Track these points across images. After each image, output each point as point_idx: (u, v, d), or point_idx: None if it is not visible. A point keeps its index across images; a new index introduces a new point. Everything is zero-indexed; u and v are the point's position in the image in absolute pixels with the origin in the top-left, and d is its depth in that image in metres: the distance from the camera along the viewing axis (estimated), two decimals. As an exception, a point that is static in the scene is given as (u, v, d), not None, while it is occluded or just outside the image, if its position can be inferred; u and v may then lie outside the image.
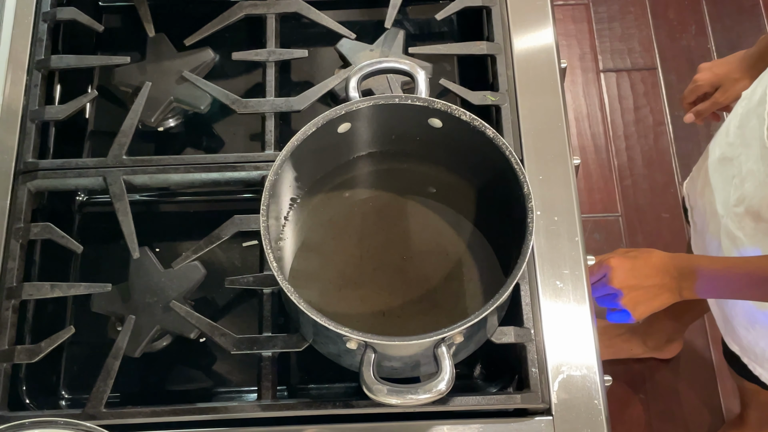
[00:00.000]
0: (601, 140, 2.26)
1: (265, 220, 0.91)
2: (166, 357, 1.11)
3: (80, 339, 1.08)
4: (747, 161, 1.16)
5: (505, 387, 1.06)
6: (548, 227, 1.07)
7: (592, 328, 1.02)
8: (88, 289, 1.05)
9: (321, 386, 1.10)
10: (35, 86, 1.17)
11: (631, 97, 2.31)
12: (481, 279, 1.02)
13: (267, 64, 1.19)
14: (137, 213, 1.09)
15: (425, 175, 1.08)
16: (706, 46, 2.37)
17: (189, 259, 1.06)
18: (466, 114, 0.97)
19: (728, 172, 1.23)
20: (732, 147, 1.22)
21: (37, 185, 1.11)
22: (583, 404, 0.98)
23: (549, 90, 1.16)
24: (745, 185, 1.16)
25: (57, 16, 1.22)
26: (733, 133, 1.22)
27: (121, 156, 1.13)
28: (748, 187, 1.15)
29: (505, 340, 1.01)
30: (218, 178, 1.12)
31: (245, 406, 0.99)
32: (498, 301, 0.88)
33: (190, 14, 1.27)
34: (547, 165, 1.11)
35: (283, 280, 0.88)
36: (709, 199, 1.30)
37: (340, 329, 0.86)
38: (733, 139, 1.22)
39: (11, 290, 1.05)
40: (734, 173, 1.20)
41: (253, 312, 1.08)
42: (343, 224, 1.06)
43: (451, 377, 0.87)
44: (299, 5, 1.23)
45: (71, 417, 0.95)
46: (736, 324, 1.31)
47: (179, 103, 1.21)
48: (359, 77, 1.01)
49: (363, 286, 1.02)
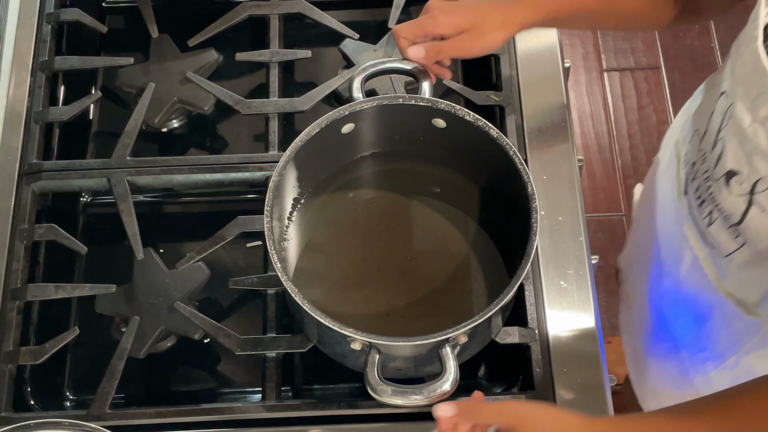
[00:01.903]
0: (605, 139, 2.26)
1: (269, 220, 0.91)
2: (171, 358, 1.11)
3: (85, 340, 1.08)
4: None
5: (510, 387, 1.06)
6: (552, 227, 1.07)
7: (596, 328, 1.02)
8: (93, 290, 1.05)
9: (325, 387, 1.10)
10: (39, 87, 1.17)
11: (634, 96, 2.31)
12: (485, 279, 1.02)
13: (270, 64, 1.19)
14: (141, 214, 1.09)
15: (429, 175, 1.08)
16: (710, 45, 2.37)
17: (193, 260, 1.07)
18: (470, 114, 0.97)
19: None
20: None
21: (41, 186, 1.12)
22: (588, 405, 0.98)
23: (552, 89, 1.16)
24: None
25: (60, 17, 1.22)
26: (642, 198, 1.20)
27: (125, 157, 1.13)
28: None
29: (510, 340, 1.01)
30: (222, 179, 1.12)
31: (249, 406, 0.99)
32: (502, 301, 0.88)
33: (194, 15, 1.27)
34: (551, 164, 1.11)
35: (287, 280, 0.88)
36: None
37: (344, 330, 0.86)
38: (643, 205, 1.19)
39: (16, 291, 1.05)
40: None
41: (258, 313, 1.08)
42: (347, 225, 1.06)
43: (456, 378, 0.87)
44: (302, 6, 1.23)
45: (76, 418, 0.95)
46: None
47: (183, 103, 1.21)
48: (363, 78, 1.01)
49: (367, 286, 1.02)
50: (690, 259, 1.05)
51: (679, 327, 1.16)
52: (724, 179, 0.91)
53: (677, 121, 1.16)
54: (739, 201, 0.90)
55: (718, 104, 0.93)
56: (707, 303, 1.06)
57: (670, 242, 1.11)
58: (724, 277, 1.00)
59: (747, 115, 0.85)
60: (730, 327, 1.05)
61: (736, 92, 0.88)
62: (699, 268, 1.03)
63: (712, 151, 0.93)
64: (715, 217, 0.95)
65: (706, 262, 1.02)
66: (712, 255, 1.00)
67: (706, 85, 1.07)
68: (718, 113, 0.92)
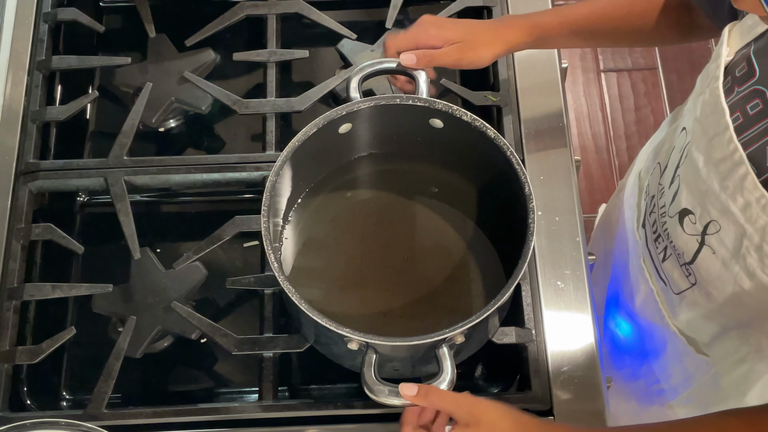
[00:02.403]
0: (602, 140, 2.26)
1: (266, 220, 0.91)
2: (168, 358, 1.11)
3: (81, 340, 1.08)
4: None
5: (507, 387, 1.06)
6: (549, 227, 1.07)
7: (593, 328, 1.02)
8: (89, 290, 1.05)
9: (322, 387, 1.10)
10: (36, 87, 1.17)
11: (632, 97, 2.31)
12: (482, 279, 1.02)
13: (268, 64, 1.19)
14: (138, 214, 1.09)
15: (426, 175, 1.08)
16: (707, 46, 2.37)
17: (190, 260, 1.06)
18: (467, 114, 0.97)
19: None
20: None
21: (38, 186, 1.11)
22: (585, 405, 0.98)
23: (550, 90, 1.16)
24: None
25: (58, 17, 1.22)
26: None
27: (122, 157, 1.12)
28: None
29: (507, 340, 1.01)
30: (219, 179, 1.12)
31: (246, 406, 0.99)
32: (499, 301, 0.88)
33: (191, 15, 1.27)
34: (549, 165, 1.11)
35: (284, 280, 0.88)
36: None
37: (341, 330, 0.86)
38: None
39: (12, 291, 1.05)
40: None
41: (255, 313, 1.08)
42: (344, 225, 1.05)
43: (453, 378, 0.87)
44: (300, 6, 1.23)
45: (72, 418, 0.95)
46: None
47: (180, 103, 1.21)
48: (360, 78, 1.01)
49: (364, 286, 1.02)
50: (645, 291, 1.05)
51: (634, 355, 1.16)
52: (678, 217, 0.90)
53: (644, 149, 1.16)
54: (691, 240, 0.89)
55: (678, 140, 0.92)
56: (661, 336, 1.06)
57: (626, 272, 1.11)
58: (675, 315, 1.00)
59: (701, 155, 0.84)
60: (682, 362, 1.05)
61: (694, 130, 0.87)
62: (653, 301, 1.04)
63: (670, 187, 0.93)
64: (669, 253, 0.95)
65: (660, 296, 1.02)
66: (665, 290, 1.00)
67: (672, 117, 1.07)
68: (677, 149, 0.92)
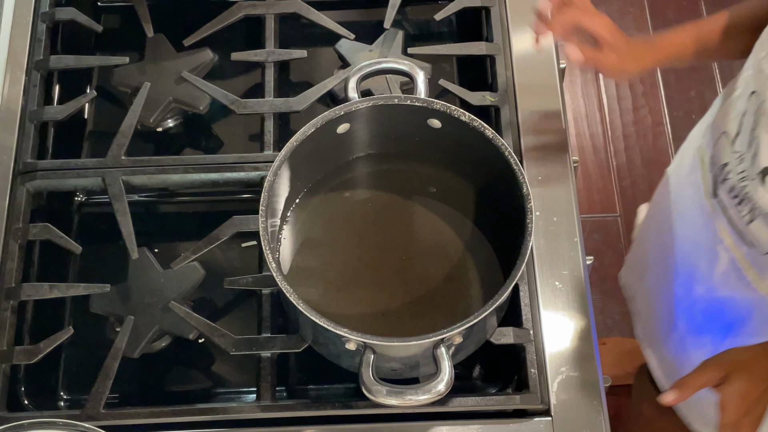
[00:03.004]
0: (600, 141, 2.26)
1: (264, 220, 0.91)
2: (165, 358, 1.11)
3: (79, 340, 1.08)
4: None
5: (505, 388, 1.06)
6: (547, 228, 1.07)
7: (591, 328, 1.02)
8: (87, 290, 1.05)
9: (320, 387, 1.10)
10: (34, 86, 1.17)
11: (629, 98, 2.31)
12: (480, 279, 1.02)
13: (266, 64, 1.19)
14: (136, 213, 1.09)
15: (424, 175, 1.08)
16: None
17: (188, 260, 1.06)
18: (466, 114, 0.97)
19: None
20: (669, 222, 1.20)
21: (35, 186, 1.11)
22: (583, 405, 0.98)
23: (548, 90, 1.16)
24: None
25: (56, 17, 1.22)
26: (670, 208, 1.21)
27: (120, 156, 1.12)
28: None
29: (504, 340, 1.01)
30: (217, 179, 1.12)
31: (244, 406, 0.99)
32: (497, 301, 0.88)
33: (189, 14, 1.27)
34: (547, 165, 1.11)
35: (282, 280, 0.88)
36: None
37: (339, 330, 0.86)
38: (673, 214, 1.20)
39: (10, 291, 1.04)
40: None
41: (252, 313, 1.08)
42: (342, 225, 1.05)
43: (451, 378, 0.87)
44: (298, 6, 1.23)
45: (70, 418, 0.95)
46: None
47: (178, 103, 1.20)
48: (358, 78, 1.01)
49: (362, 286, 1.02)
50: (726, 260, 1.05)
51: (715, 332, 1.16)
52: (760, 177, 0.92)
53: (697, 128, 1.17)
54: None
55: (749, 104, 0.93)
56: (744, 306, 1.06)
57: (700, 247, 1.11)
58: (764, 276, 1.00)
59: None
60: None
61: (766, 90, 0.88)
62: (736, 269, 1.04)
63: (749, 150, 0.94)
64: (757, 214, 0.96)
65: (745, 261, 1.02)
66: (751, 254, 1.00)
67: (725, 94, 1.08)
68: (750, 113, 0.93)
